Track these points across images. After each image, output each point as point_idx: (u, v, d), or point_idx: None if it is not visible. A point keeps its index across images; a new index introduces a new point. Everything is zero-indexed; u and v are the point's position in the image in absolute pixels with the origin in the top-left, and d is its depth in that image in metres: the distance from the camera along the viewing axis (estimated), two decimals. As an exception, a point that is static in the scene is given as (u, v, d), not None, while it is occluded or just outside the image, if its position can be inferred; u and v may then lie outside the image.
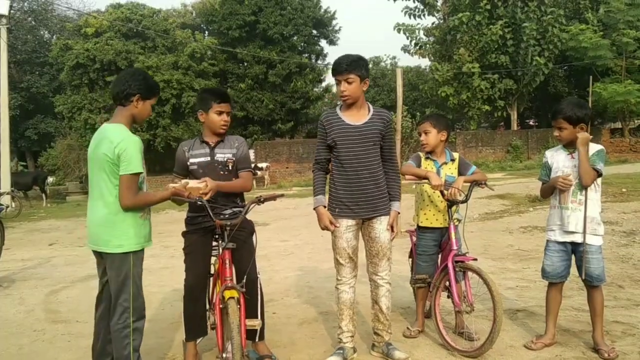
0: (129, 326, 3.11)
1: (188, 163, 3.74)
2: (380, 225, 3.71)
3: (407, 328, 4.26)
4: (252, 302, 3.62)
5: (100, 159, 3.12)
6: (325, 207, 3.72)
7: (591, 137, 3.76)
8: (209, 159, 3.73)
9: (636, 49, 27.78)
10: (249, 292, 3.64)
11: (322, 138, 3.76)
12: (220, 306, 3.30)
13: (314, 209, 3.74)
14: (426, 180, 4.01)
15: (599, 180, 3.73)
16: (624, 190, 13.34)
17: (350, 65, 3.60)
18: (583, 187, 3.65)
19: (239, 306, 3.20)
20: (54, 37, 36.88)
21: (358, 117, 3.69)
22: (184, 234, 3.82)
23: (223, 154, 3.75)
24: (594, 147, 3.71)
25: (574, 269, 3.84)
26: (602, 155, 3.70)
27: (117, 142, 3.09)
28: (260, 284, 3.74)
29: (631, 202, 11.43)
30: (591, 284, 3.72)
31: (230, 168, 3.74)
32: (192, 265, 3.69)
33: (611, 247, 7.19)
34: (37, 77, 34.29)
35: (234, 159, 3.75)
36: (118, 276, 3.13)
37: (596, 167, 3.64)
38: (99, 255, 3.25)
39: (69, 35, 32.49)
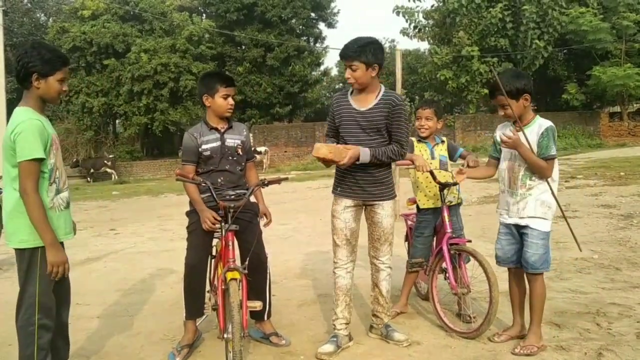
0: (34, 323, 2.89)
1: (200, 149, 3.72)
2: (383, 211, 3.68)
3: None
4: (261, 283, 3.78)
5: (5, 146, 2.86)
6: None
7: (517, 136, 3.42)
8: (220, 144, 3.75)
9: (636, 32, 27.62)
10: (259, 272, 3.74)
11: (330, 119, 3.76)
12: (223, 287, 3.32)
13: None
14: (412, 164, 4.06)
15: (556, 161, 3.47)
16: (622, 173, 13.39)
17: (355, 52, 3.51)
18: (542, 177, 3.44)
19: (240, 288, 3.21)
20: (50, 19, 36.58)
21: (365, 102, 3.61)
22: (188, 213, 3.84)
23: (233, 140, 3.79)
24: (542, 126, 3.43)
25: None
26: (551, 135, 3.39)
27: (14, 126, 2.81)
28: (268, 265, 3.87)
29: (629, 185, 11.47)
30: (526, 270, 3.51)
31: (240, 154, 3.82)
32: (195, 244, 3.71)
33: (609, 230, 7.23)
34: (33, 60, 34.00)
35: (242, 145, 3.83)
36: (23, 272, 2.92)
37: (546, 156, 3.38)
38: None
39: (66, 17, 32.22)
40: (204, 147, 3.72)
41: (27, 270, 2.91)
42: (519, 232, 3.56)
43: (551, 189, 3.46)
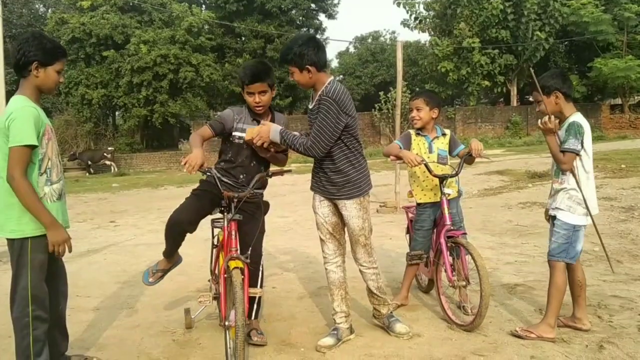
0: (28, 315, 2.87)
1: (233, 132, 3.61)
2: (346, 211, 3.59)
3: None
4: (254, 276, 3.65)
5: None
6: None
7: (553, 122, 3.48)
8: None
9: (638, 24, 27.56)
10: (252, 265, 3.64)
11: None
12: (225, 276, 3.31)
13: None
14: (401, 160, 4.01)
15: (587, 154, 3.55)
16: (623, 166, 13.34)
17: (283, 58, 3.47)
18: (564, 171, 3.53)
19: (242, 276, 3.20)
20: (49, 10, 36.43)
21: (313, 100, 3.58)
22: (201, 180, 3.76)
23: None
24: (567, 121, 3.53)
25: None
26: (573, 130, 3.45)
27: (9, 113, 2.81)
28: (262, 262, 3.76)
29: (630, 178, 11.44)
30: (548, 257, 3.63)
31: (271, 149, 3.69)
32: (189, 204, 3.63)
33: (610, 223, 7.21)
34: (32, 51, 33.94)
35: None
36: (14, 263, 2.89)
37: (564, 148, 3.45)
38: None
39: (65, 8, 32.12)
40: (235, 133, 3.61)
41: (17, 262, 2.89)
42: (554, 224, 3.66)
43: (577, 183, 3.52)
